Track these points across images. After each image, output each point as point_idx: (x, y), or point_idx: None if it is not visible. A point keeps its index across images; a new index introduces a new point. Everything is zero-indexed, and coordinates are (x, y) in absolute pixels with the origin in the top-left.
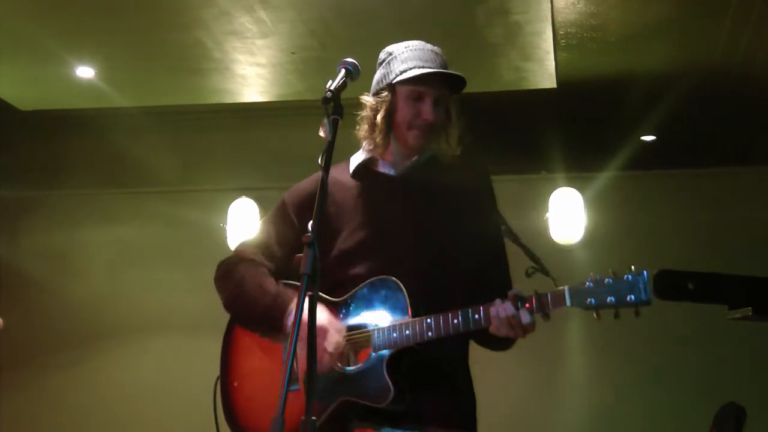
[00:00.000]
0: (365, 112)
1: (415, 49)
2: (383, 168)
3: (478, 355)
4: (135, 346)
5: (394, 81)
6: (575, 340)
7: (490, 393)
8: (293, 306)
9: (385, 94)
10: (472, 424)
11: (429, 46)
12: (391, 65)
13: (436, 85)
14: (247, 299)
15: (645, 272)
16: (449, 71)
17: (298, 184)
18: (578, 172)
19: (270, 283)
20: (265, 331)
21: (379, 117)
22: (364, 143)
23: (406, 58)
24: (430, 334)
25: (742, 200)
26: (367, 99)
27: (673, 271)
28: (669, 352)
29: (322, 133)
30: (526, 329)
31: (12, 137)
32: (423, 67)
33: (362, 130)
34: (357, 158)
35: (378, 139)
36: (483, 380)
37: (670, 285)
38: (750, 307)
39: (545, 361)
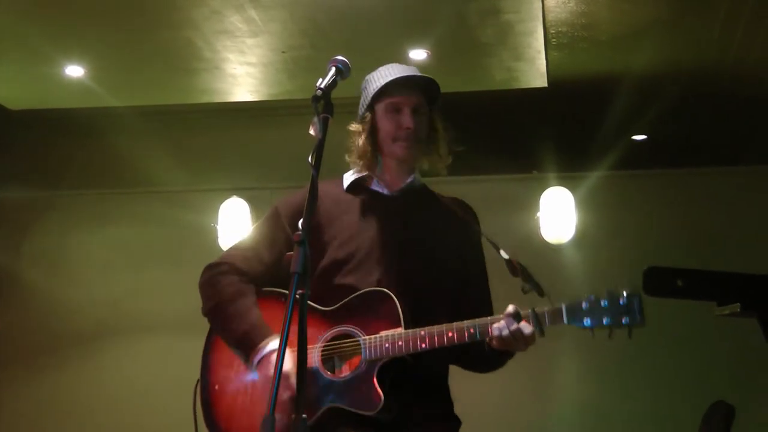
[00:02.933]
0: (352, 139)
1: (389, 67)
2: (376, 187)
3: None
4: (129, 346)
5: (370, 98)
6: (564, 339)
7: (475, 394)
8: (264, 344)
9: (366, 115)
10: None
11: (404, 65)
12: (369, 88)
13: (412, 95)
14: (225, 321)
15: (639, 296)
16: (420, 75)
17: (291, 194)
18: (569, 171)
19: (250, 310)
20: (239, 355)
21: (362, 138)
22: (354, 168)
23: (379, 76)
24: (423, 346)
25: (732, 199)
26: (352, 126)
27: (662, 268)
28: (657, 350)
29: (312, 132)
30: (528, 341)
31: (2, 137)
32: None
33: (351, 156)
34: (351, 175)
35: (365, 161)
36: (470, 382)
37: (660, 282)
38: (738, 304)
39: (534, 360)
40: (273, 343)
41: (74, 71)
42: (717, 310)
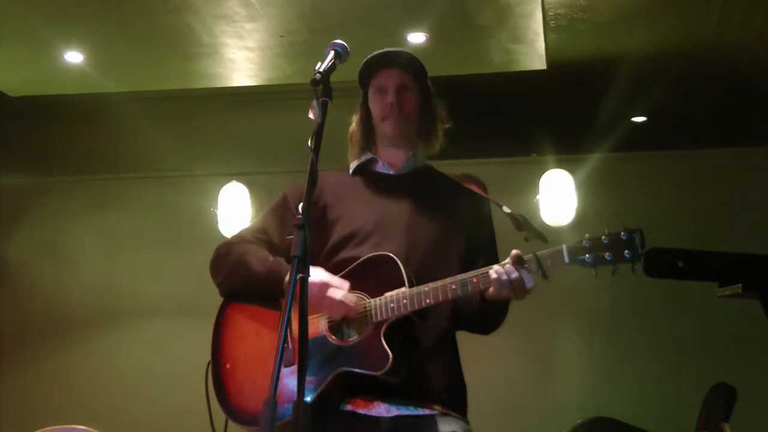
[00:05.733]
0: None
1: (377, 52)
2: (382, 168)
3: (469, 337)
4: (128, 332)
5: (360, 84)
6: (565, 322)
7: (480, 373)
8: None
9: (361, 101)
10: (464, 406)
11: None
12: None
13: (397, 74)
14: (246, 270)
15: (639, 230)
16: (398, 50)
17: (299, 181)
18: (568, 153)
19: (267, 255)
20: (266, 295)
21: (355, 123)
22: (352, 157)
23: (364, 63)
24: (428, 300)
25: (733, 181)
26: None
27: (663, 249)
28: (659, 332)
29: (311, 116)
30: (527, 290)
31: (1, 124)
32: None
33: (349, 142)
34: (356, 161)
35: (358, 145)
36: (474, 361)
37: (661, 263)
38: (740, 285)
39: (535, 343)
40: None
41: (73, 57)
42: (718, 291)
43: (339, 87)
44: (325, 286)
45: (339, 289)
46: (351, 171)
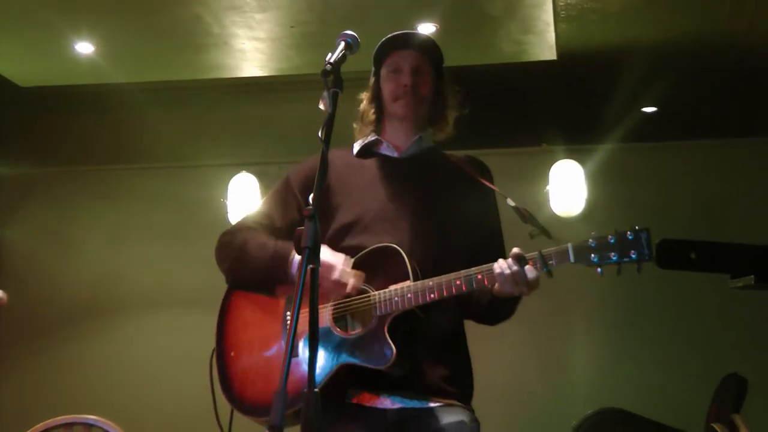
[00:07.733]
0: (361, 105)
1: (393, 34)
2: (386, 150)
3: (479, 330)
4: (136, 322)
5: (374, 63)
6: (575, 313)
7: (490, 365)
8: (294, 254)
9: (372, 80)
10: (469, 396)
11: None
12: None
13: (412, 56)
14: (250, 259)
15: (646, 230)
16: (415, 32)
17: (302, 162)
18: (579, 144)
19: (269, 240)
20: (272, 283)
21: (365, 102)
22: (360, 134)
23: (381, 42)
24: (432, 295)
25: (744, 171)
26: (361, 95)
27: (675, 240)
28: (670, 322)
29: (322, 106)
30: (531, 285)
31: (12, 114)
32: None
33: (357, 123)
34: (360, 142)
35: (367, 123)
36: (483, 354)
37: (673, 254)
38: (752, 276)
39: (544, 334)
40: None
41: (84, 48)
42: (731, 283)
43: (349, 78)
44: (330, 267)
45: (337, 269)
46: (355, 152)
